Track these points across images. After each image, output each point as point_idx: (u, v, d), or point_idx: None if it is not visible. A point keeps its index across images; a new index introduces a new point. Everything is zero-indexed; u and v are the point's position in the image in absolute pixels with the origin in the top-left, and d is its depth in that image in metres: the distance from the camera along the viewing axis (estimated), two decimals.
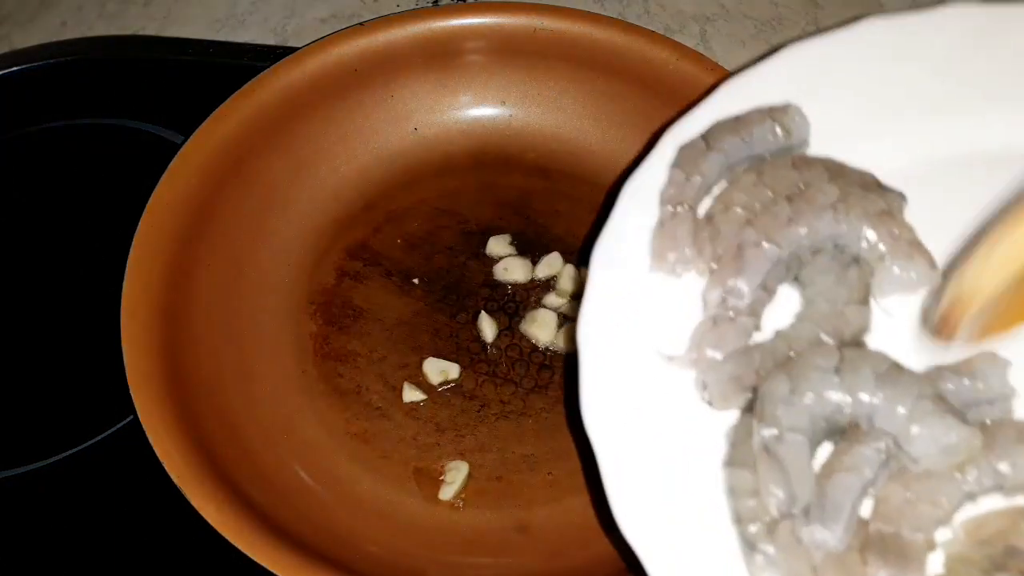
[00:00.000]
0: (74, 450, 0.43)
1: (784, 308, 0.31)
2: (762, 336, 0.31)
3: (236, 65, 0.56)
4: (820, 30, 0.34)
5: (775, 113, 0.32)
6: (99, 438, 0.43)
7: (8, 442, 0.44)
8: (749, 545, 0.27)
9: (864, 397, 0.28)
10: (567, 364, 0.35)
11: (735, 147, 0.32)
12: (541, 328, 0.45)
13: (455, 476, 0.42)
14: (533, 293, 0.47)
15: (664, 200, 0.31)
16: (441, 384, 0.44)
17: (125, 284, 0.41)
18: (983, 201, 0.29)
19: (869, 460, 0.28)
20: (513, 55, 0.51)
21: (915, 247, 0.30)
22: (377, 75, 0.50)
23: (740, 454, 0.29)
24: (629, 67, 0.49)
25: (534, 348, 0.46)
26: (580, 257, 0.48)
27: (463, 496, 0.42)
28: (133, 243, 0.42)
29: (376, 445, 0.43)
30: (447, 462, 0.42)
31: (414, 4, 0.62)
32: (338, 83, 0.49)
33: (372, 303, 0.47)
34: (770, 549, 0.27)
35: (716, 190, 0.33)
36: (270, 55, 0.53)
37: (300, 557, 0.35)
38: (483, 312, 0.46)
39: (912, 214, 0.31)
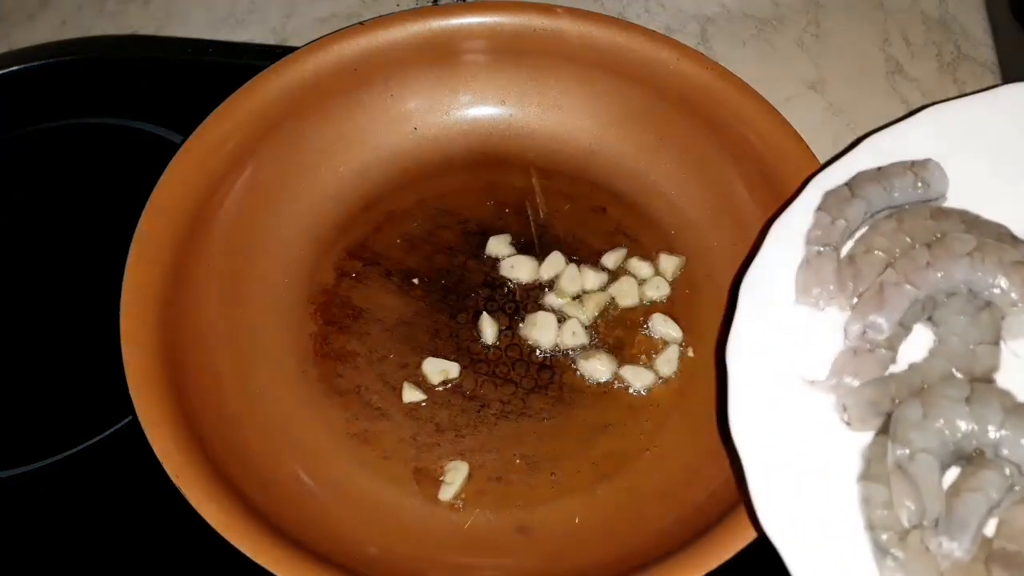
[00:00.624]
0: (74, 450, 0.43)
1: (918, 345, 0.34)
2: (897, 368, 0.34)
3: (236, 65, 0.56)
4: (820, 30, 0.35)
5: (916, 167, 0.35)
6: (99, 438, 0.43)
7: (8, 442, 0.44)
8: (881, 550, 0.30)
9: (991, 427, 0.31)
10: (719, 381, 0.36)
11: (877, 195, 0.35)
12: (542, 331, 0.45)
13: (455, 476, 0.42)
14: (533, 293, 0.47)
15: (810, 240, 0.35)
16: (441, 384, 0.44)
17: (125, 284, 0.41)
18: None
19: (995, 483, 0.30)
20: (513, 55, 0.51)
21: None
22: (377, 75, 0.50)
23: (874, 470, 0.32)
24: (629, 67, 0.49)
25: (534, 348, 0.46)
26: (581, 257, 0.48)
27: (463, 496, 0.42)
28: (133, 243, 0.42)
29: (376, 445, 0.43)
30: (447, 462, 0.42)
31: (414, 3, 0.61)
32: (338, 83, 0.49)
33: (372, 303, 0.47)
34: (900, 554, 0.30)
35: (857, 234, 0.36)
36: (270, 55, 0.53)
37: (300, 557, 0.35)
38: (485, 313, 0.46)
39: None
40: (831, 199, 0.35)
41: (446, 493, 0.41)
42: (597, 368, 0.44)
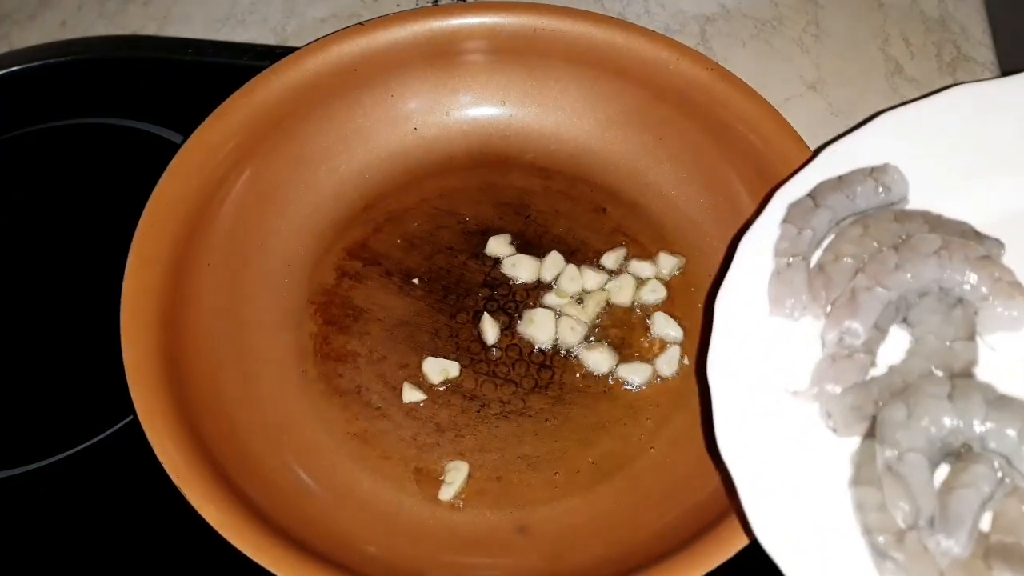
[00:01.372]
0: (74, 450, 0.43)
1: (896, 347, 0.35)
2: (877, 372, 0.34)
3: (236, 65, 0.56)
4: (820, 31, 0.35)
5: (876, 172, 0.36)
6: (99, 438, 0.43)
7: (8, 442, 0.44)
8: (880, 553, 0.30)
9: (976, 420, 0.31)
10: (702, 398, 0.37)
11: (840, 203, 0.35)
12: (539, 328, 0.45)
13: (455, 476, 0.42)
14: (533, 293, 0.47)
15: (779, 252, 0.35)
16: (441, 384, 0.44)
17: (125, 284, 0.41)
18: None
19: (986, 477, 0.31)
20: (513, 55, 0.51)
21: (1016, 287, 0.34)
22: (377, 75, 0.50)
23: (865, 474, 0.32)
24: (629, 67, 0.49)
25: (534, 348, 0.46)
26: (581, 257, 0.48)
27: (463, 496, 0.42)
28: (133, 243, 0.42)
29: (376, 445, 0.43)
30: (447, 462, 0.42)
31: (414, 4, 0.62)
32: (338, 83, 0.49)
33: (372, 303, 0.47)
34: (900, 556, 0.30)
35: (825, 243, 0.37)
36: (270, 55, 0.53)
37: (300, 557, 0.35)
38: (486, 314, 0.46)
39: (1009, 260, 0.34)
40: (795, 211, 0.35)
41: (446, 493, 0.41)
42: (599, 359, 0.44)
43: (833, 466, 0.32)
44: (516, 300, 0.47)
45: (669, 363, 0.44)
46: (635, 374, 0.44)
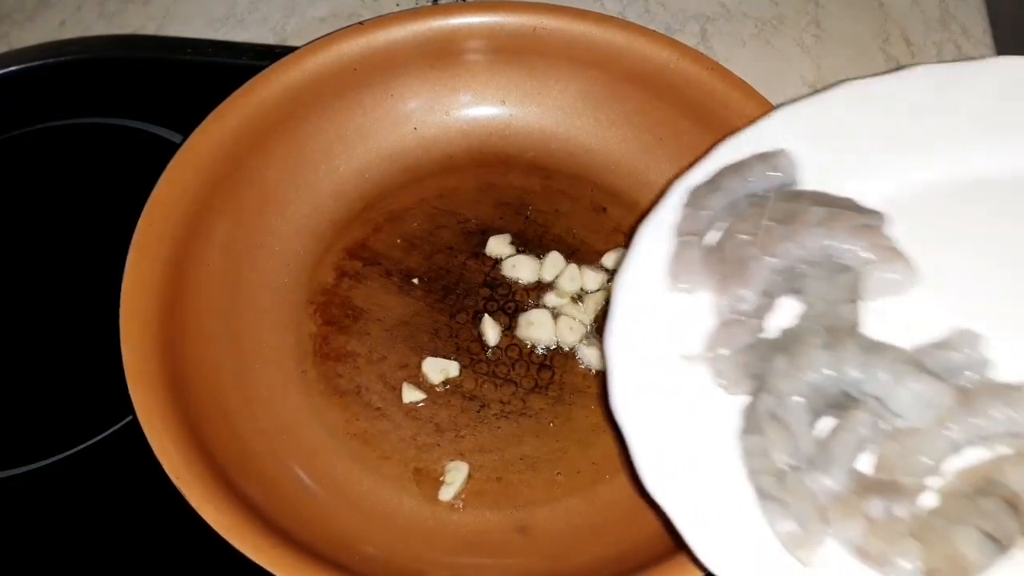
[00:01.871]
0: (74, 450, 0.43)
1: (789, 317, 0.36)
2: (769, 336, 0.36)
3: (236, 65, 0.56)
4: (820, 30, 0.36)
5: (767, 157, 0.37)
6: (99, 438, 0.43)
7: (8, 442, 0.44)
8: (763, 495, 0.32)
9: (850, 367, 0.33)
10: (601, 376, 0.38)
11: (736, 186, 0.37)
12: (538, 329, 0.45)
13: (455, 476, 0.42)
14: (533, 293, 0.47)
15: (678, 232, 0.36)
16: (441, 383, 0.44)
17: (125, 284, 0.41)
18: (948, 225, 0.35)
19: (862, 421, 0.32)
20: (513, 55, 0.51)
21: (896, 254, 0.35)
22: (377, 74, 0.50)
23: (751, 424, 0.33)
24: (629, 67, 0.49)
25: (534, 348, 0.46)
26: (581, 257, 0.48)
27: (463, 496, 0.42)
28: (133, 243, 0.42)
29: (376, 445, 0.43)
30: (447, 462, 0.42)
31: (414, 3, 0.62)
32: (338, 82, 0.49)
33: (372, 303, 0.47)
34: (782, 495, 0.31)
35: (724, 226, 0.38)
36: (270, 55, 0.53)
37: (300, 557, 0.35)
38: (487, 316, 0.46)
39: (890, 233, 0.36)
40: (694, 194, 0.37)
41: (446, 493, 0.41)
42: (599, 359, 0.44)
43: (725, 422, 0.34)
44: (516, 300, 0.47)
45: None
46: None
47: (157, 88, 0.56)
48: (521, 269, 0.48)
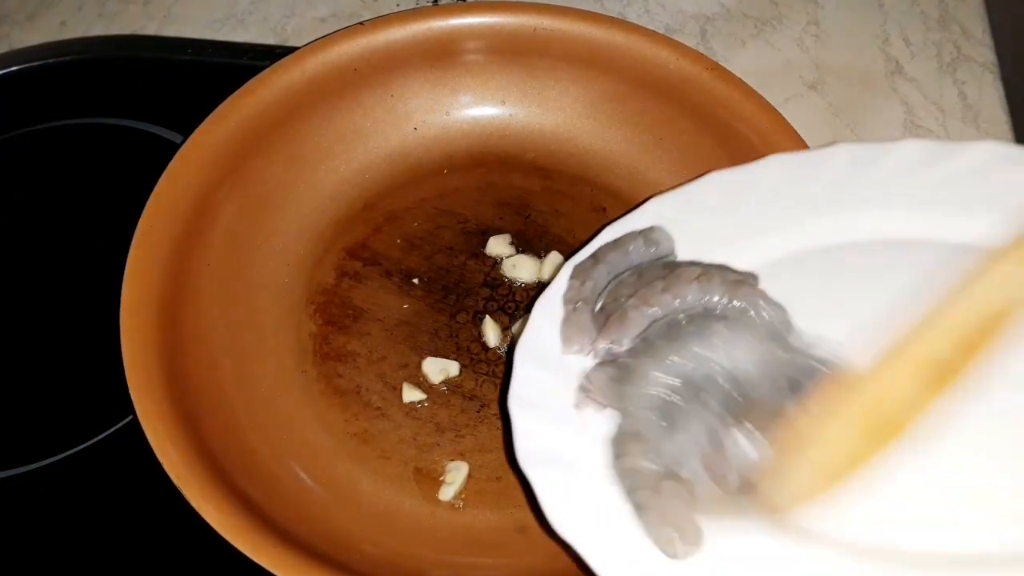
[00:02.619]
0: (74, 450, 0.43)
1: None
2: None
3: (236, 65, 0.56)
4: (820, 30, 0.36)
5: (645, 232, 0.41)
6: (99, 438, 0.43)
7: (8, 442, 0.44)
8: (639, 508, 0.33)
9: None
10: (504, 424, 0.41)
11: (617, 258, 0.40)
12: None
13: (455, 476, 0.42)
14: (533, 293, 0.47)
15: (565, 301, 0.39)
16: (441, 383, 0.44)
17: (125, 284, 0.41)
18: (808, 287, 0.39)
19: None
20: (513, 55, 0.51)
21: (769, 301, 0.37)
22: (377, 75, 0.50)
23: (618, 449, 0.35)
24: (629, 67, 0.49)
25: None
26: None
27: (463, 496, 0.42)
28: (133, 243, 0.42)
29: (376, 445, 0.43)
30: (447, 462, 0.42)
31: (414, 3, 0.62)
32: (338, 83, 0.49)
33: (372, 303, 0.47)
34: (654, 503, 0.33)
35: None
36: (270, 55, 0.53)
37: (300, 557, 0.35)
38: (488, 317, 0.46)
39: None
40: (579, 269, 0.40)
41: (446, 493, 0.41)
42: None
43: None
44: (516, 300, 0.47)
45: None
46: None
47: (157, 88, 0.56)
48: (521, 269, 0.48)
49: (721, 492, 0.33)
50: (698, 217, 0.41)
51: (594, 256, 0.41)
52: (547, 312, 0.39)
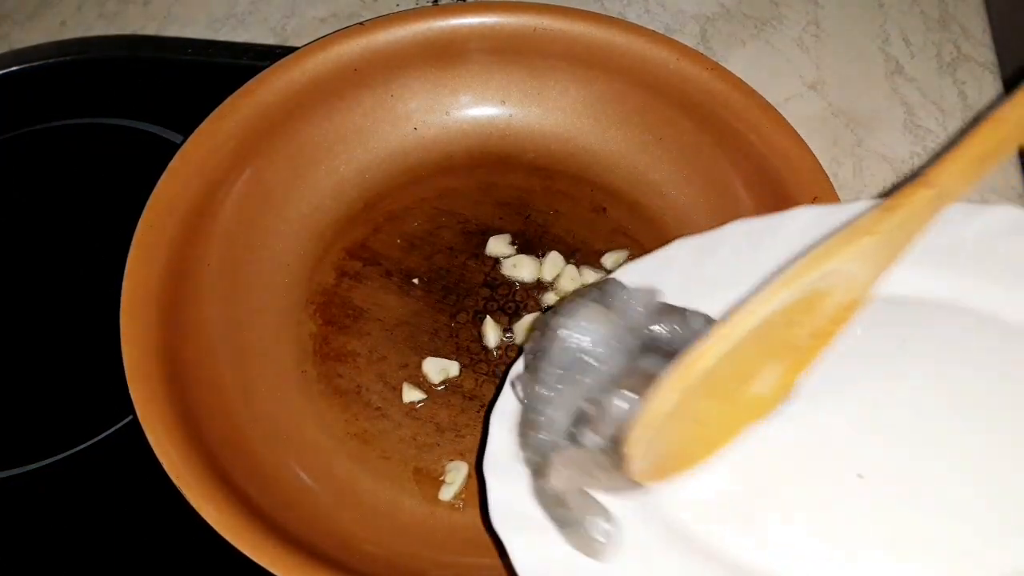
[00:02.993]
0: (74, 450, 0.43)
1: None
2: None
3: (236, 65, 0.56)
4: (820, 30, 0.36)
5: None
6: (99, 438, 0.43)
7: (8, 442, 0.44)
8: (561, 524, 0.34)
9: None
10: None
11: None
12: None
13: (455, 476, 0.42)
14: (533, 293, 0.47)
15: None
16: (441, 383, 0.44)
17: (125, 284, 0.41)
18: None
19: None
20: (513, 55, 0.51)
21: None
22: (377, 75, 0.50)
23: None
24: (629, 67, 0.49)
25: None
26: (581, 257, 0.48)
27: (463, 496, 0.42)
28: (133, 243, 0.42)
29: (376, 445, 0.43)
30: (447, 462, 0.42)
31: (414, 3, 0.62)
32: (338, 83, 0.49)
33: (372, 303, 0.47)
34: (571, 513, 0.33)
35: None
36: (270, 55, 0.53)
37: (300, 557, 0.35)
38: (488, 318, 0.46)
39: None
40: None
41: (446, 493, 0.41)
42: None
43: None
44: (516, 300, 0.47)
45: None
46: None
47: (157, 88, 0.56)
48: (521, 269, 0.48)
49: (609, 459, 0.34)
50: (664, 278, 0.41)
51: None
52: (501, 426, 0.38)
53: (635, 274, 0.42)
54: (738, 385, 0.34)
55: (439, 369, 0.44)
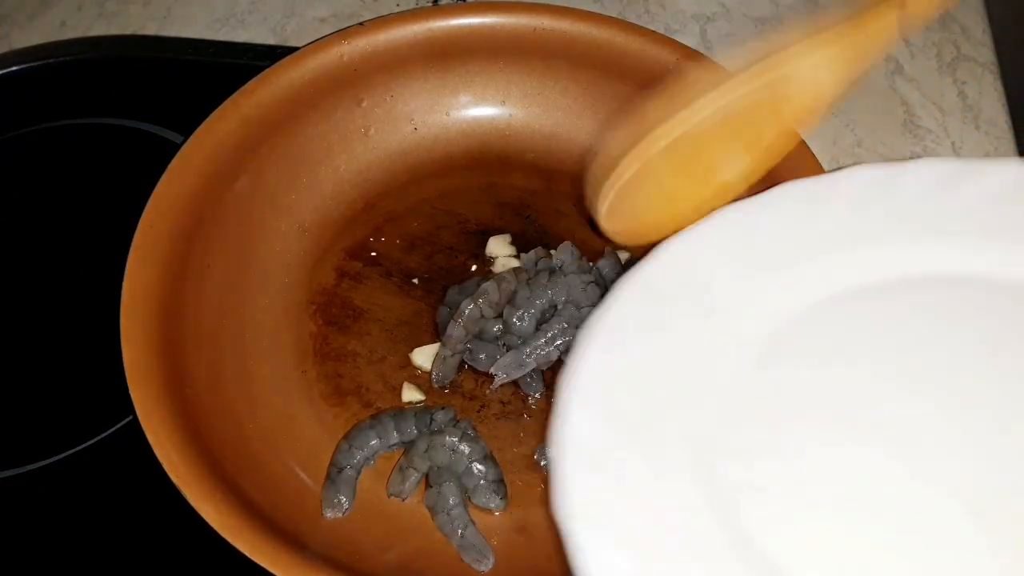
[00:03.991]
0: (74, 450, 0.43)
1: None
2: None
3: (236, 65, 0.56)
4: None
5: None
6: (99, 438, 0.43)
7: (8, 442, 0.44)
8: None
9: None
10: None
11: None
12: None
13: None
14: None
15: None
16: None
17: (125, 284, 0.41)
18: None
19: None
20: (513, 55, 0.51)
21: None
22: (377, 75, 0.50)
23: None
24: (629, 67, 0.49)
25: None
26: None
27: None
28: (133, 243, 0.42)
29: None
30: None
31: (414, 4, 0.62)
32: (338, 83, 0.49)
33: (372, 303, 0.47)
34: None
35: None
36: (270, 55, 0.53)
37: (300, 557, 0.35)
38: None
39: None
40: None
41: None
42: None
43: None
44: None
45: None
46: None
47: (157, 88, 0.56)
48: None
49: None
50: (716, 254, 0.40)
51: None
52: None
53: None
54: (706, 169, 0.38)
55: (427, 356, 0.45)
